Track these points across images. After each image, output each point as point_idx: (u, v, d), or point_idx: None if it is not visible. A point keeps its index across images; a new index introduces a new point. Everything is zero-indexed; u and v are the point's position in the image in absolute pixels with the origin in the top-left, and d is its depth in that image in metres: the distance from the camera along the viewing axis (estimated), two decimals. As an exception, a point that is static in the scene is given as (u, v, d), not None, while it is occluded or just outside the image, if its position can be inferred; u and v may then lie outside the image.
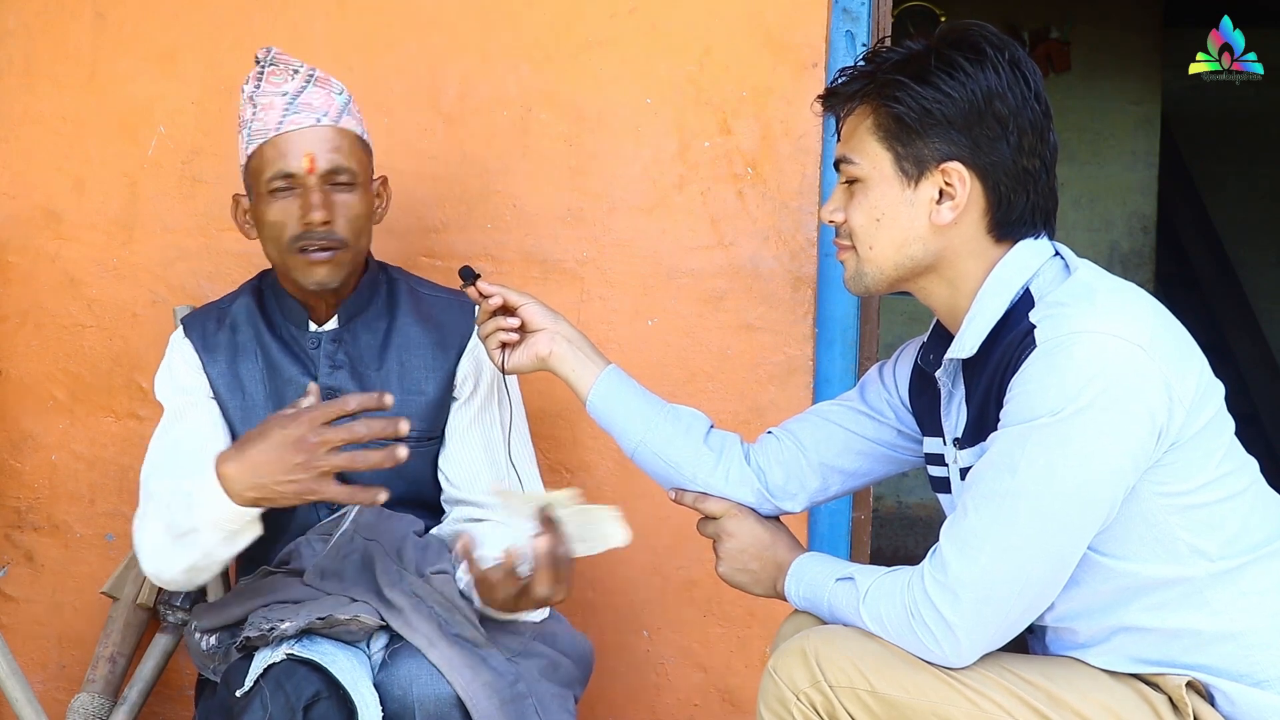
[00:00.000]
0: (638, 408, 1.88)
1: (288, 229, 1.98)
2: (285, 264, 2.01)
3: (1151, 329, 1.54)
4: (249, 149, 2.00)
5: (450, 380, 2.09)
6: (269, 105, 1.99)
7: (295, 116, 1.99)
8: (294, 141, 1.98)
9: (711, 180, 2.34)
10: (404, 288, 2.13)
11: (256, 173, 2.00)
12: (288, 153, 1.97)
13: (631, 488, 2.35)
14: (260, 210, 2.00)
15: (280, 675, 1.79)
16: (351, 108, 2.04)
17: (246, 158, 2.01)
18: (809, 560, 1.79)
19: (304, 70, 2.02)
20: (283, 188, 1.98)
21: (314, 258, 1.98)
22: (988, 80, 1.61)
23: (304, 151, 1.97)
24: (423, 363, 2.08)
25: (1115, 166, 5.60)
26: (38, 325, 2.52)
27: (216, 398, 2.06)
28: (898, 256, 1.67)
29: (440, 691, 1.80)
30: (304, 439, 1.68)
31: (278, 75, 2.00)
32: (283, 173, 1.97)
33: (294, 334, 2.08)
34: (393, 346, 2.08)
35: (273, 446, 1.69)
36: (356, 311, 2.08)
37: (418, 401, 2.06)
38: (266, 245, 2.03)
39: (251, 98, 2.01)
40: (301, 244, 1.98)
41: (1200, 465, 1.57)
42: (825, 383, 2.35)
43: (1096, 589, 1.61)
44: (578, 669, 2.01)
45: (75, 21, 2.49)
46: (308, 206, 1.96)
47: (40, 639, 2.54)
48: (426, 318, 2.10)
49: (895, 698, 1.60)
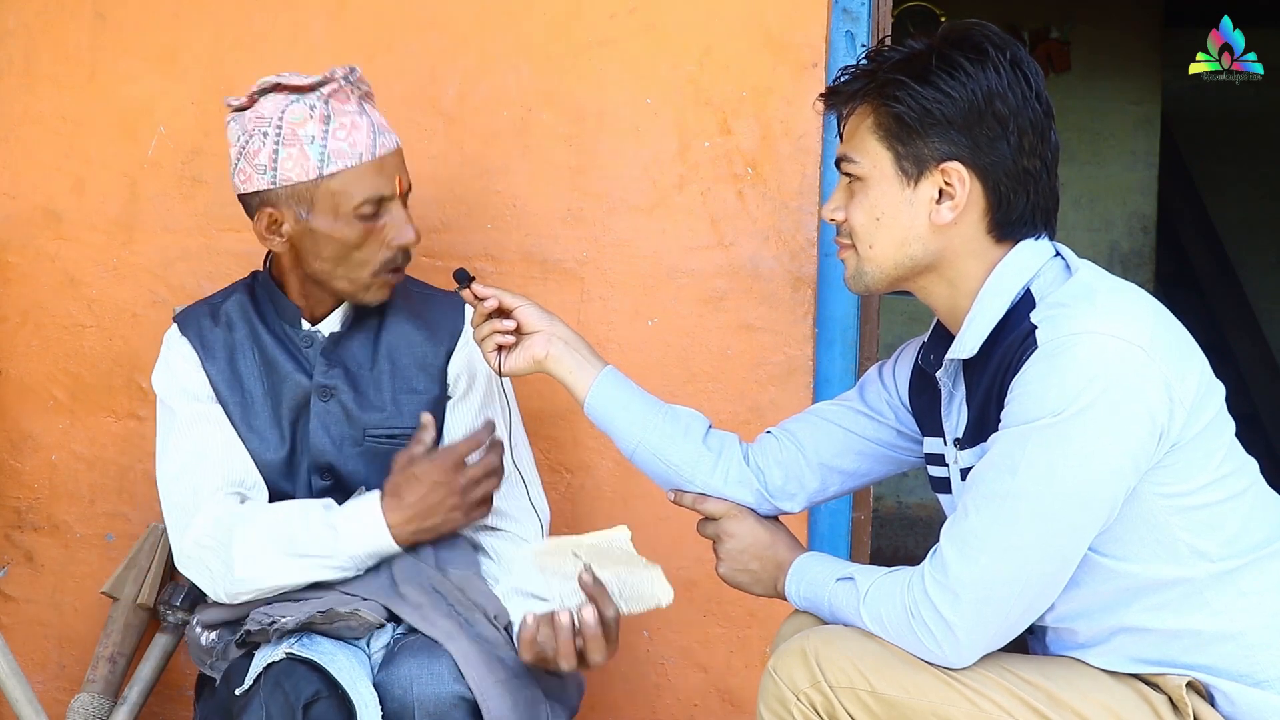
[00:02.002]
0: (636, 409, 1.88)
1: (375, 253, 1.97)
2: (355, 284, 1.99)
3: (1152, 330, 1.54)
4: (325, 169, 1.93)
5: (443, 379, 2.09)
6: (353, 125, 1.95)
7: (383, 139, 1.98)
8: (388, 165, 1.98)
9: (711, 180, 2.34)
10: (396, 286, 2.13)
11: (338, 195, 1.94)
12: (382, 175, 1.96)
13: (631, 488, 2.36)
14: (334, 231, 1.95)
15: (280, 674, 1.79)
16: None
17: (318, 176, 1.93)
18: (809, 560, 1.79)
19: (364, 87, 2.00)
20: (371, 214, 1.96)
21: (392, 279, 2.01)
22: (988, 80, 1.61)
23: (395, 175, 1.98)
24: (415, 360, 2.08)
25: (1115, 166, 5.60)
26: (38, 325, 2.52)
27: (216, 395, 2.06)
28: (898, 256, 1.67)
29: (441, 691, 1.80)
30: (454, 480, 1.94)
31: (346, 94, 1.97)
32: (379, 196, 1.95)
33: (288, 332, 2.08)
34: (384, 344, 2.08)
35: (430, 492, 1.93)
36: (351, 310, 2.08)
37: (411, 400, 2.07)
38: (325, 264, 1.98)
39: (324, 116, 1.94)
40: (393, 265, 2.00)
41: (1201, 466, 1.57)
42: (825, 383, 2.35)
43: (1097, 589, 1.61)
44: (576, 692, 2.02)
45: (75, 21, 2.49)
46: (404, 227, 1.98)
47: (40, 639, 2.54)
48: (417, 315, 2.10)
49: (895, 698, 1.60)
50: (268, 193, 1.96)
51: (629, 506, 2.38)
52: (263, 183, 1.95)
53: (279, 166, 1.94)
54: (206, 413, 2.05)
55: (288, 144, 1.93)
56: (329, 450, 2.04)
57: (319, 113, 1.94)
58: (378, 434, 2.05)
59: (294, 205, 1.95)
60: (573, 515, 2.37)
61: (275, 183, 1.95)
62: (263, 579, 1.92)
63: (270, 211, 1.97)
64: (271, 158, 1.94)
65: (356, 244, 1.96)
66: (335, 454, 2.04)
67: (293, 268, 2.04)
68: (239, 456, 2.03)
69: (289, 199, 1.95)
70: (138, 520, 2.47)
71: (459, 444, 1.97)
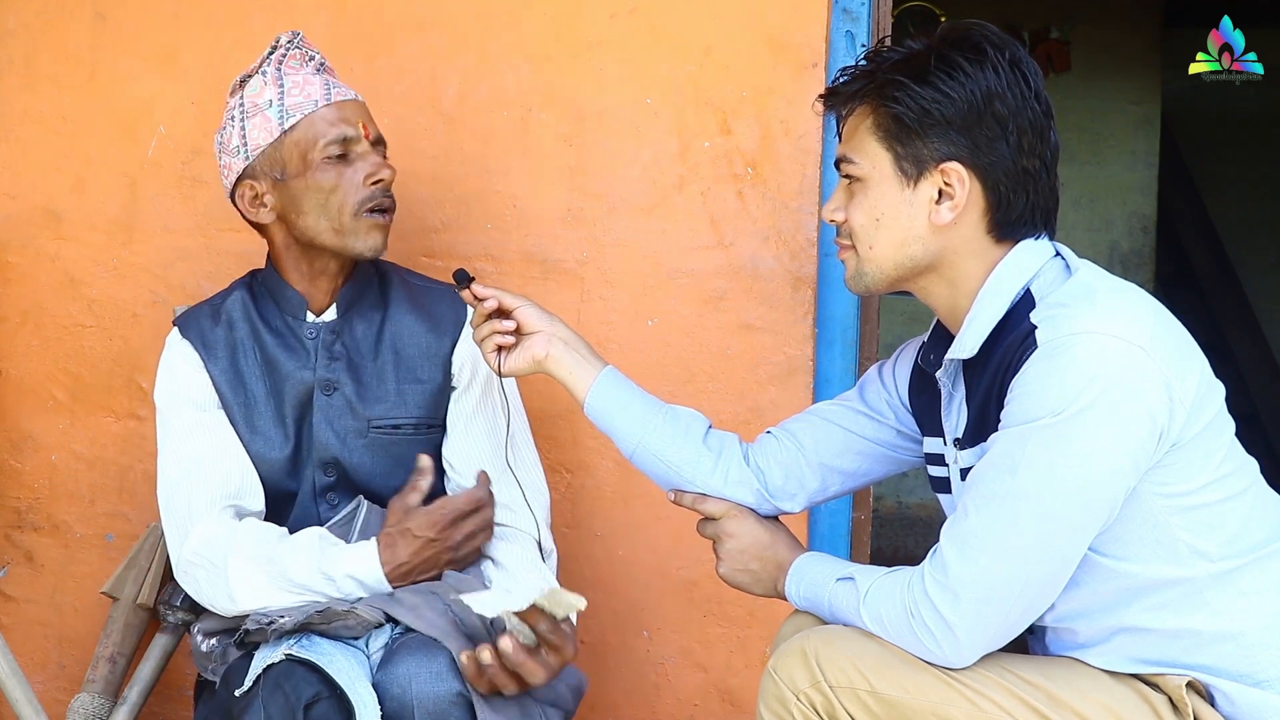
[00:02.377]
0: (635, 409, 1.88)
1: (352, 193, 2.01)
2: (342, 231, 2.02)
3: (1152, 330, 1.54)
4: (285, 123, 2.01)
5: (447, 368, 2.10)
6: (305, 81, 2.03)
7: (339, 90, 2.05)
8: (346, 110, 2.04)
9: (711, 180, 2.33)
10: (396, 279, 2.15)
11: (302, 144, 2.00)
12: (342, 120, 2.02)
13: (631, 488, 2.36)
14: (307, 182, 2.01)
15: (279, 675, 1.79)
16: None
17: (280, 132, 2.01)
18: (809, 560, 1.79)
19: (317, 56, 2.09)
20: (338, 155, 2.01)
21: (379, 220, 2.03)
22: (987, 80, 1.61)
23: (358, 119, 2.04)
24: (418, 351, 2.09)
25: (1115, 166, 5.60)
26: (38, 325, 2.52)
27: (220, 397, 2.06)
28: (897, 256, 1.67)
29: (440, 690, 1.80)
30: (449, 537, 1.97)
31: (295, 59, 2.06)
32: (342, 137, 2.01)
33: (291, 325, 2.08)
34: (388, 336, 2.09)
35: (424, 548, 1.95)
36: (354, 300, 2.10)
37: (415, 390, 2.08)
38: (308, 218, 2.02)
39: (276, 79, 2.03)
40: (370, 205, 2.02)
41: (1201, 466, 1.57)
42: (825, 383, 2.35)
43: (1097, 589, 1.61)
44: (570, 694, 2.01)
45: (75, 21, 2.49)
46: (378, 165, 2.03)
47: (40, 639, 2.54)
48: (420, 307, 2.11)
49: (895, 698, 1.60)
50: (244, 169, 2.04)
51: (629, 506, 2.38)
52: (239, 163, 2.04)
53: (248, 139, 2.03)
54: (203, 420, 2.05)
55: (250, 116, 2.03)
56: (334, 445, 2.05)
57: (271, 77, 2.04)
58: (382, 425, 2.07)
59: (268, 172, 2.03)
60: (572, 515, 2.37)
61: (249, 156, 2.02)
62: (260, 604, 1.94)
63: (250, 184, 2.05)
64: (241, 135, 2.03)
65: (331, 187, 2.01)
66: (340, 448, 2.05)
67: (286, 244, 2.07)
68: (237, 464, 2.04)
69: (263, 167, 2.03)
70: (138, 520, 2.47)
71: (457, 501, 2.01)
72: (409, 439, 2.07)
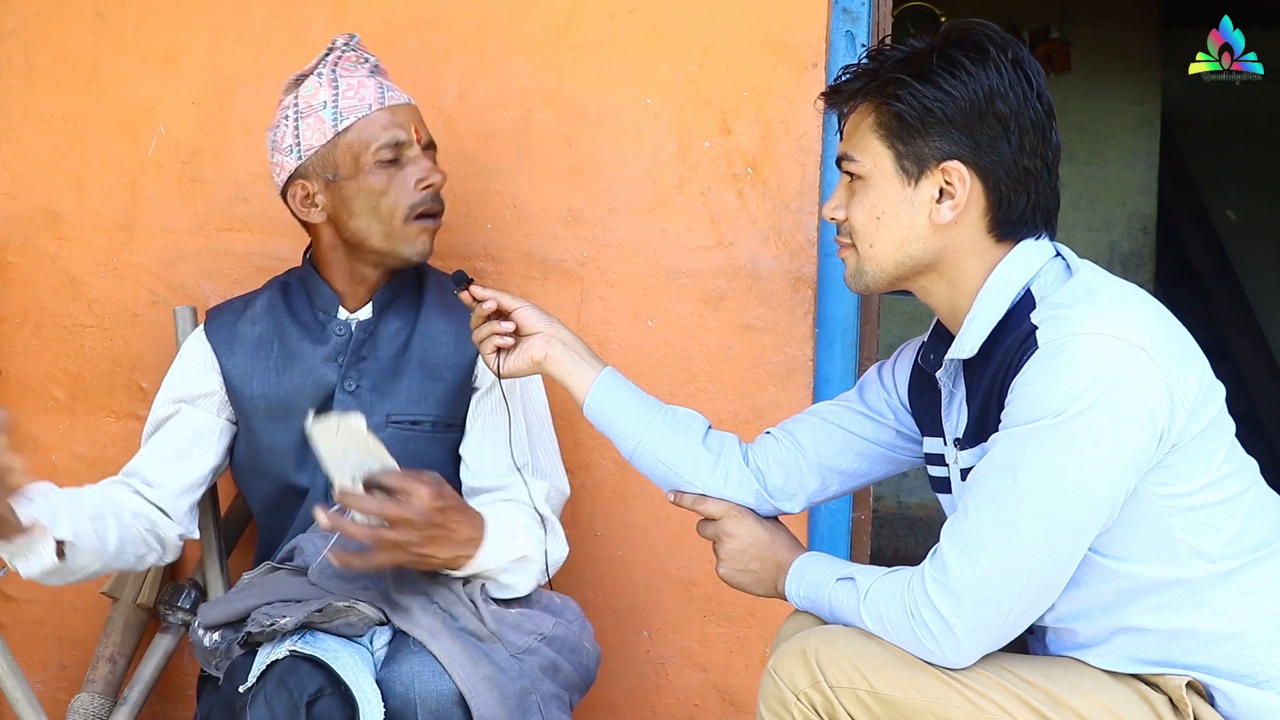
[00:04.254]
0: (635, 410, 1.88)
1: (403, 197, 2.03)
2: (392, 235, 2.04)
3: (1153, 331, 1.54)
4: (339, 125, 2.02)
5: (471, 369, 2.11)
6: (360, 84, 2.05)
7: (394, 94, 2.07)
8: (399, 114, 2.06)
9: (711, 180, 2.33)
10: (432, 280, 2.17)
11: (355, 147, 2.02)
12: (395, 124, 2.04)
13: (631, 488, 2.36)
14: (359, 185, 2.02)
15: (283, 671, 1.80)
16: None
17: (334, 134, 2.02)
18: (809, 560, 1.79)
19: (372, 59, 2.10)
20: (390, 159, 2.03)
21: (428, 225, 2.05)
22: (989, 79, 1.61)
23: (411, 125, 2.06)
24: (445, 351, 2.10)
25: (1115, 166, 5.60)
26: (38, 325, 2.52)
27: (230, 394, 2.10)
28: (898, 255, 1.67)
29: (442, 688, 1.81)
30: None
31: (351, 62, 2.07)
32: (394, 141, 2.03)
33: (321, 320, 2.11)
34: (417, 335, 2.11)
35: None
36: (389, 301, 2.12)
37: (437, 388, 2.09)
38: (359, 220, 2.04)
39: (332, 80, 2.04)
40: (420, 209, 2.04)
41: (1201, 467, 1.57)
42: (825, 383, 2.35)
43: (1097, 590, 1.61)
44: (577, 674, 2.02)
45: (75, 21, 2.49)
46: (429, 169, 2.05)
47: (40, 639, 2.54)
48: (451, 308, 2.12)
49: (895, 698, 1.60)
50: (297, 169, 2.05)
51: (629, 506, 2.38)
52: (291, 162, 2.05)
53: (301, 140, 2.04)
54: (183, 411, 2.12)
55: (305, 117, 2.04)
56: None
57: (327, 79, 2.05)
58: (401, 420, 2.08)
59: (320, 172, 2.04)
60: (573, 515, 2.37)
61: (301, 156, 2.04)
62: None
63: (302, 184, 2.06)
64: (294, 135, 2.05)
65: (383, 190, 2.02)
66: None
67: (333, 244, 2.09)
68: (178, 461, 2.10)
69: (315, 167, 2.05)
70: (138, 520, 2.47)
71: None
72: (427, 436, 2.08)
